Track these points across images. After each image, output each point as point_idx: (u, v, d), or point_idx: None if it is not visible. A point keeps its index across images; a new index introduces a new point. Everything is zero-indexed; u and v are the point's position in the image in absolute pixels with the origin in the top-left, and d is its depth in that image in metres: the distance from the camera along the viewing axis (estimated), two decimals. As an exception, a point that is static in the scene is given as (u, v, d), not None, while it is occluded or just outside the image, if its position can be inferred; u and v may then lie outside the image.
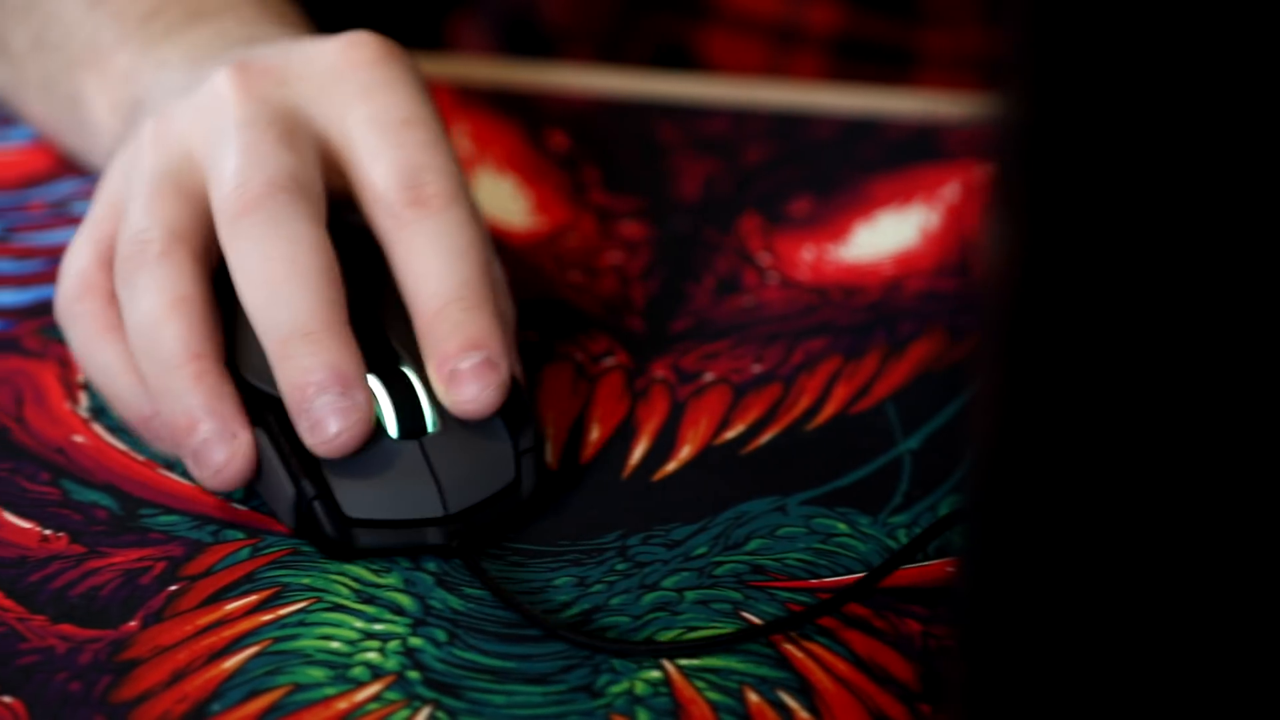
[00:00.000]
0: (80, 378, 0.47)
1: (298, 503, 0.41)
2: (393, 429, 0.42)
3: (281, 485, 0.42)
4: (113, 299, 0.44)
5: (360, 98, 0.45)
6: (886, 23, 0.71)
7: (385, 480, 0.42)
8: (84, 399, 0.46)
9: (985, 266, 0.22)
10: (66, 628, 0.40)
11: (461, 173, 0.45)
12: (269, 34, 0.50)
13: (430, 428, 0.42)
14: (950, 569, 0.41)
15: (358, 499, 0.41)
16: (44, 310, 0.49)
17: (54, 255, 0.52)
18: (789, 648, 0.40)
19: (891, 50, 0.71)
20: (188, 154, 0.45)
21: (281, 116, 0.44)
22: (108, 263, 0.44)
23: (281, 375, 0.42)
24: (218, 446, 0.42)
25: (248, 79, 0.45)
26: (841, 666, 0.39)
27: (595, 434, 0.46)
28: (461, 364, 0.42)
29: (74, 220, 0.53)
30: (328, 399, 0.41)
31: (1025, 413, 0.18)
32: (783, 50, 0.72)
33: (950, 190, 0.55)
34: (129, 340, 0.43)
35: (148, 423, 0.44)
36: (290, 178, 0.43)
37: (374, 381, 0.42)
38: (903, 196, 0.55)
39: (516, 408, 0.43)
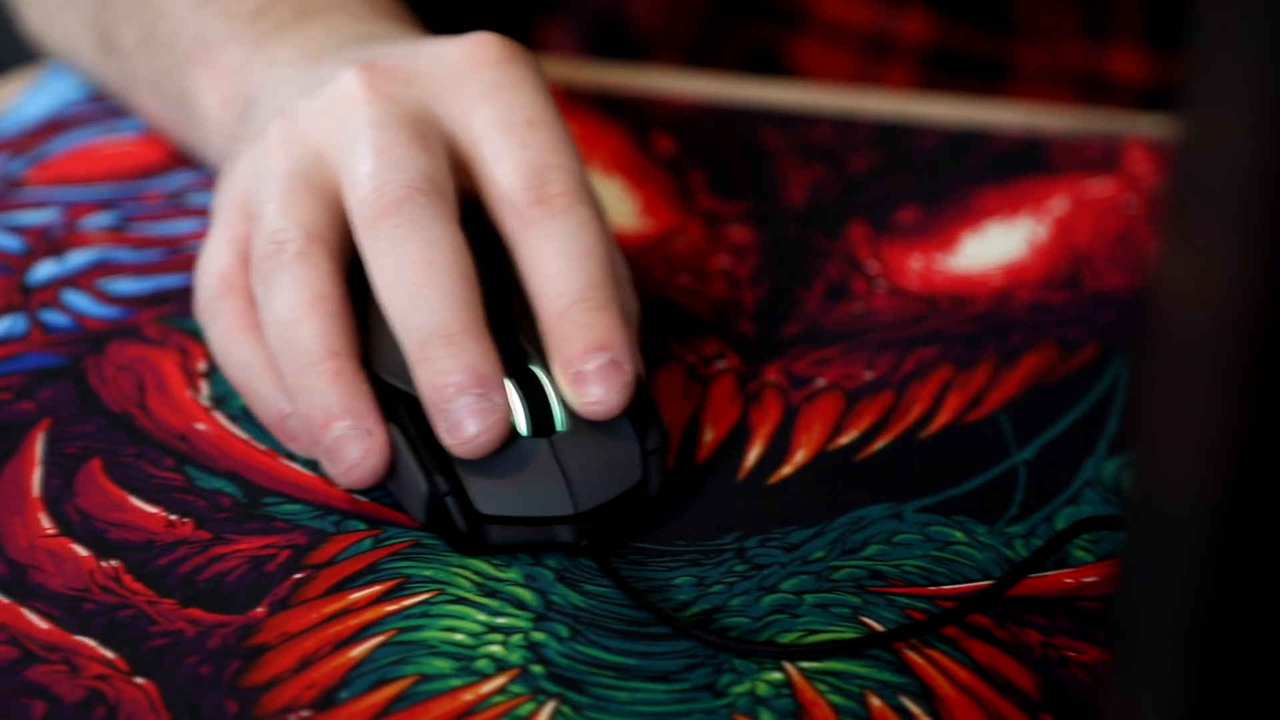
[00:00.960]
0: (201, 366, 0.48)
1: (430, 498, 0.42)
2: (523, 427, 0.42)
3: (415, 480, 0.42)
4: (253, 299, 0.44)
5: (486, 98, 0.45)
6: (979, 35, 0.71)
7: (516, 478, 0.42)
8: (205, 387, 0.47)
9: (1166, 288, 0.22)
10: (195, 612, 0.40)
11: (585, 172, 0.45)
12: (381, 31, 0.50)
13: (559, 427, 0.43)
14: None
15: (489, 496, 0.42)
16: (163, 299, 0.50)
17: (171, 245, 0.52)
18: (910, 654, 0.40)
19: (984, 63, 0.71)
20: (318, 154, 0.45)
21: (413, 117, 0.45)
22: (246, 262, 0.45)
23: (421, 377, 0.42)
24: (353, 444, 0.42)
25: (375, 79, 0.45)
26: (963, 674, 0.39)
27: (709, 436, 0.46)
28: (587, 365, 0.42)
29: (190, 211, 0.54)
30: (467, 400, 0.41)
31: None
32: (874, 60, 0.73)
33: (1057, 203, 0.56)
34: (266, 338, 0.44)
35: (284, 422, 0.44)
36: (427, 180, 0.44)
37: (509, 378, 0.43)
38: (1009, 208, 0.55)
39: (643, 408, 0.43)
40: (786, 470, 0.45)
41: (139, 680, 0.38)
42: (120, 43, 0.56)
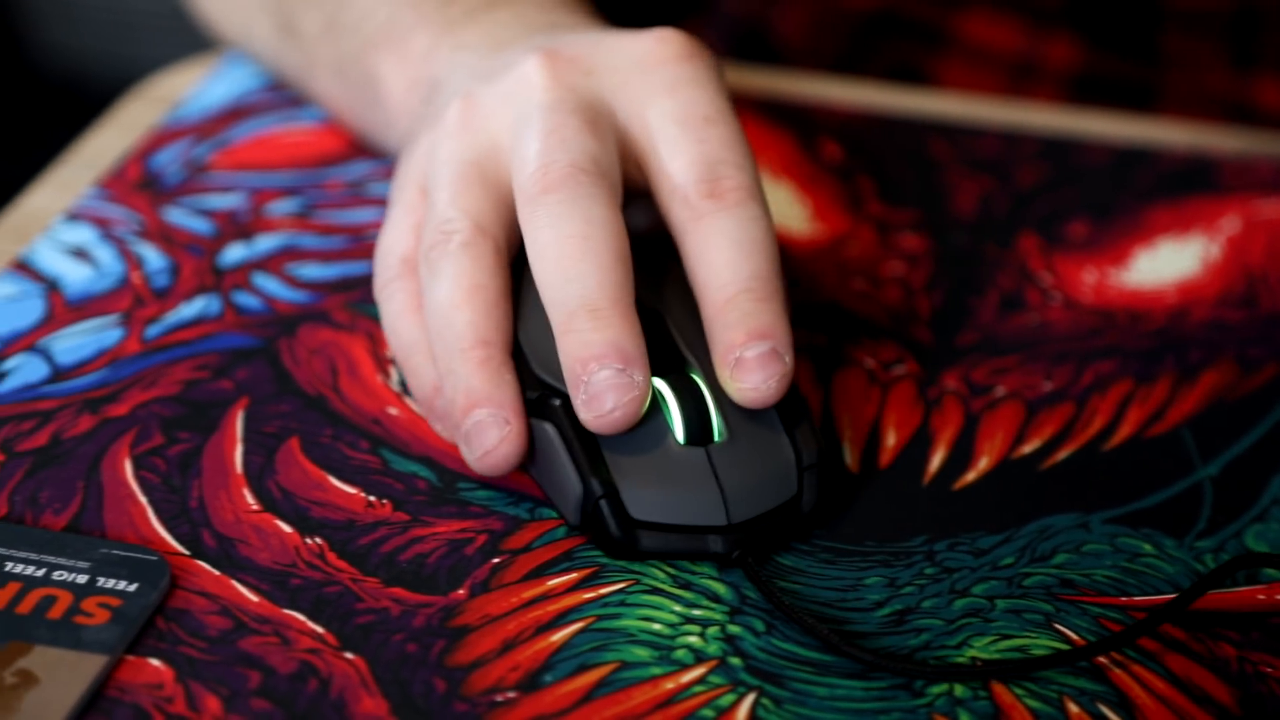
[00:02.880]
0: (389, 352, 0.48)
1: (584, 501, 0.42)
2: (680, 435, 0.42)
3: (569, 482, 0.42)
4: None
5: (664, 92, 0.46)
6: (1125, 62, 0.71)
7: (670, 485, 0.42)
8: (394, 373, 0.48)
9: None
10: (398, 591, 0.41)
11: (758, 172, 0.46)
12: (566, 21, 0.51)
13: (717, 437, 0.43)
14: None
15: (643, 502, 0.42)
16: (349, 285, 0.51)
17: (355, 233, 0.53)
18: (1104, 662, 0.40)
19: (1129, 88, 0.71)
20: (492, 140, 0.46)
21: (586, 105, 0.45)
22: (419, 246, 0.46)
23: (564, 348, 0.42)
24: (490, 429, 0.42)
25: (556, 66, 0.46)
26: (1160, 684, 0.39)
27: (892, 440, 0.47)
28: (747, 352, 0.42)
29: (371, 200, 0.55)
30: (607, 375, 0.41)
31: None
32: (1019, 83, 0.73)
33: (1229, 222, 0.56)
34: (425, 321, 0.45)
35: (432, 400, 0.45)
36: (592, 162, 0.44)
37: (664, 387, 0.43)
38: (1181, 226, 0.55)
39: (801, 423, 0.43)
40: (971, 476, 0.45)
41: (348, 655, 0.39)
42: (302, 28, 0.57)
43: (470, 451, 0.43)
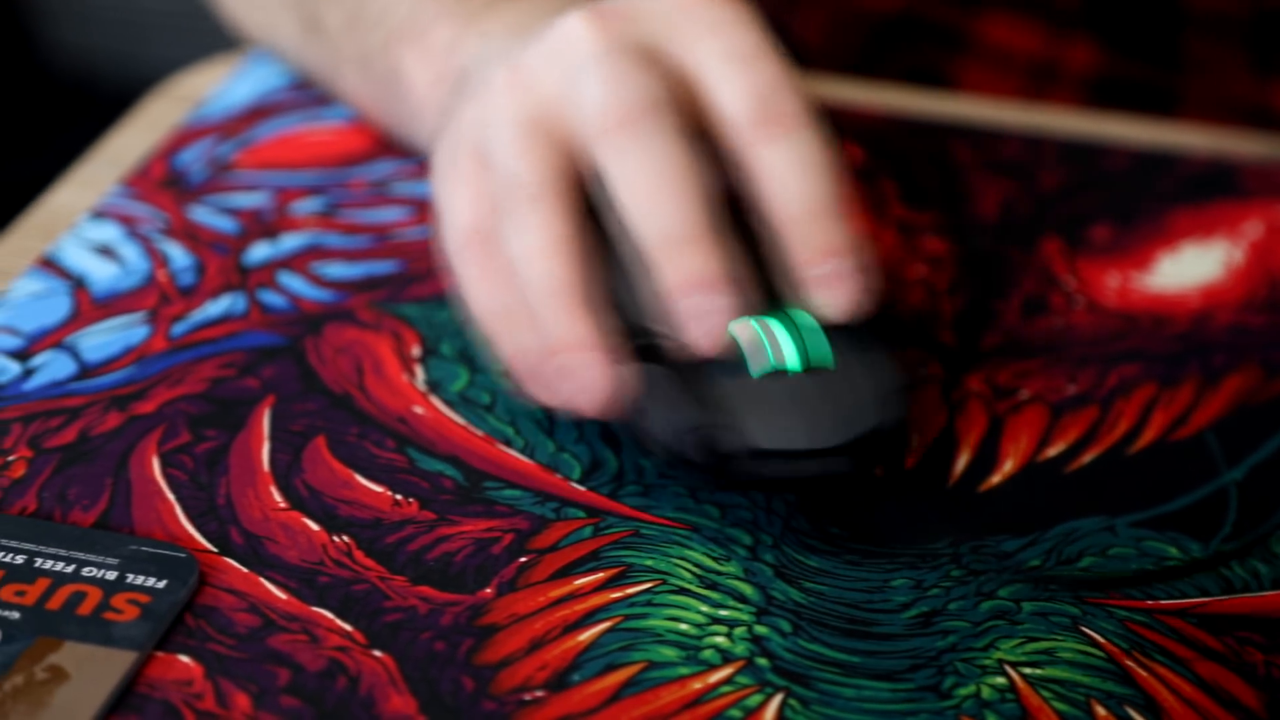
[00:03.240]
0: (415, 351, 0.48)
1: (692, 431, 0.42)
2: (787, 361, 0.43)
3: (679, 418, 0.43)
4: (499, 241, 0.45)
5: (708, 32, 0.46)
6: (1145, 66, 0.71)
7: (779, 412, 0.43)
8: (420, 372, 0.48)
9: None
10: (426, 589, 0.41)
11: (809, 102, 0.46)
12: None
13: (815, 363, 0.43)
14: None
15: (753, 429, 0.42)
16: (374, 284, 0.51)
17: (379, 233, 0.53)
18: (1131, 664, 0.40)
19: (1148, 92, 0.71)
20: (544, 97, 0.46)
21: (636, 47, 0.46)
22: (490, 210, 0.46)
23: (660, 275, 0.43)
24: (591, 369, 0.43)
25: (600, 19, 0.46)
26: (1186, 688, 0.40)
27: (916, 442, 0.47)
28: (824, 268, 0.44)
29: (395, 200, 0.55)
30: (704, 299, 0.42)
31: None
32: (1038, 87, 0.73)
33: (1251, 227, 0.56)
34: (511, 274, 0.45)
35: (524, 360, 0.45)
36: (655, 98, 0.45)
37: (767, 318, 0.44)
38: (1204, 230, 0.55)
39: (897, 346, 0.45)
40: (996, 479, 0.45)
41: (377, 653, 0.39)
42: (325, 23, 0.57)
43: (569, 388, 0.43)
